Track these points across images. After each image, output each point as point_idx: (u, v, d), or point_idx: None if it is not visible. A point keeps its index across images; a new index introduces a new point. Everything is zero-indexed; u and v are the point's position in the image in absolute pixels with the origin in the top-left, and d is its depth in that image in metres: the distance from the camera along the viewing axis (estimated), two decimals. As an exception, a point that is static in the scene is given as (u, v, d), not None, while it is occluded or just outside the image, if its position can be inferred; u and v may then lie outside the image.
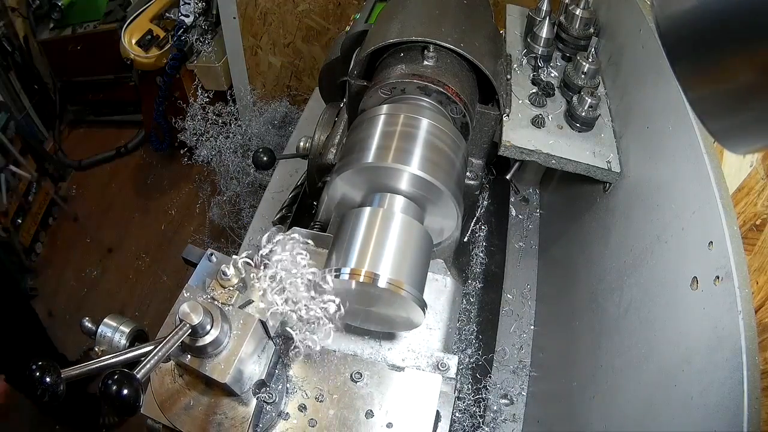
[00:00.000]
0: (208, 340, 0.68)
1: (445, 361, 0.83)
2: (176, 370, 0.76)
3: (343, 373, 0.82)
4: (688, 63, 0.42)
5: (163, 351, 0.63)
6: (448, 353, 0.84)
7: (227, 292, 0.74)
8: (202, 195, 2.72)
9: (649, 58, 1.03)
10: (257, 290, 0.75)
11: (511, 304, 1.37)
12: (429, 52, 0.97)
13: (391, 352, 0.83)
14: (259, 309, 0.74)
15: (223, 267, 0.73)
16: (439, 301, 0.88)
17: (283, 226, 1.16)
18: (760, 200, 0.67)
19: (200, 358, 0.70)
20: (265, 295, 0.73)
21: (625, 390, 0.87)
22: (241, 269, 0.75)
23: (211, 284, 0.75)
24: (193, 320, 0.65)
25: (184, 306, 0.66)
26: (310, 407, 0.80)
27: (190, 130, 2.46)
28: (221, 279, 0.74)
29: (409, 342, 0.84)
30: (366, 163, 0.81)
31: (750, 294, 0.64)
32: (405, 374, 0.82)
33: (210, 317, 0.68)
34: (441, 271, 0.89)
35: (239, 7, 2.46)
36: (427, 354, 0.83)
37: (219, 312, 0.70)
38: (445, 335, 0.86)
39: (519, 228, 1.54)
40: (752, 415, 0.58)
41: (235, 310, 0.73)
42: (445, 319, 0.87)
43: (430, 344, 0.84)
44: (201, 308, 0.66)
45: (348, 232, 0.76)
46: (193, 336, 0.67)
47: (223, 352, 0.70)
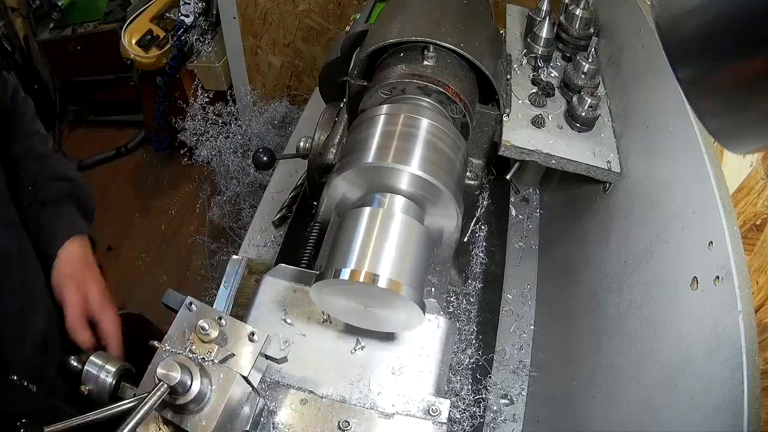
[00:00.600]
0: (189, 398, 0.67)
1: (436, 406, 0.80)
2: (161, 418, 0.75)
3: (330, 420, 0.79)
4: (689, 63, 0.42)
5: (142, 413, 0.63)
6: (440, 397, 0.81)
7: (207, 346, 0.72)
8: (202, 195, 2.72)
9: (649, 58, 1.03)
10: (239, 342, 0.74)
11: (511, 304, 1.37)
12: (429, 52, 0.97)
13: (381, 397, 0.81)
14: (240, 363, 0.73)
15: (201, 322, 0.71)
16: (431, 343, 0.85)
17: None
18: (760, 200, 0.67)
19: (181, 415, 0.69)
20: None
21: (625, 390, 0.87)
22: (222, 321, 0.73)
23: (190, 337, 0.73)
24: (170, 381, 0.65)
25: (161, 367, 0.65)
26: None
27: (190, 130, 2.46)
28: (200, 334, 0.72)
29: (399, 387, 0.81)
30: (366, 163, 0.81)
31: (750, 294, 0.65)
32: (394, 422, 0.79)
33: (189, 375, 0.67)
34: (434, 311, 0.86)
35: (239, 7, 2.46)
36: (419, 398, 0.81)
37: (198, 369, 0.69)
38: (437, 378, 0.82)
39: (519, 228, 1.54)
40: (752, 415, 0.58)
41: (215, 365, 0.71)
42: (437, 361, 0.83)
43: (422, 388, 0.81)
44: (178, 367, 0.65)
45: (348, 232, 0.76)
46: (173, 394, 0.66)
47: (205, 407, 0.69)
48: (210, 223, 2.58)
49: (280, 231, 1.51)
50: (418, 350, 0.84)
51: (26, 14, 3.27)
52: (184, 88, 2.85)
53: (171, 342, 0.74)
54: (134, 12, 2.77)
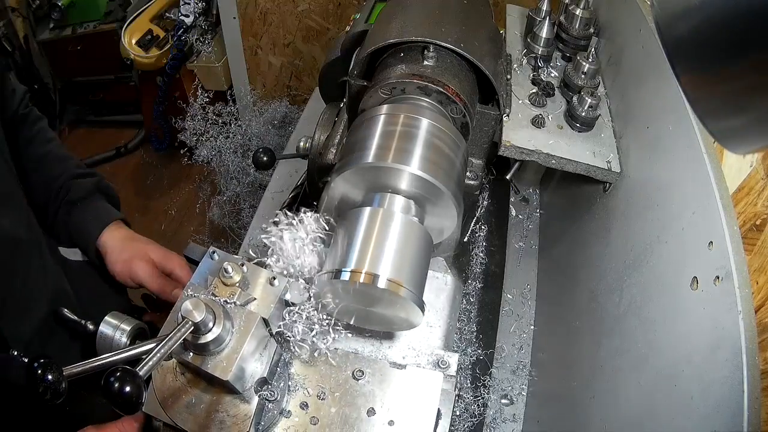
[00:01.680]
0: (211, 338, 0.68)
1: (445, 359, 0.83)
2: (178, 368, 0.76)
3: (344, 370, 0.82)
4: (689, 63, 0.42)
5: (165, 348, 0.63)
6: (448, 351, 0.84)
7: (229, 289, 0.74)
8: (202, 195, 2.72)
9: (649, 58, 1.03)
10: (259, 287, 0.75)
11: (511, 304, 1.37)
12: (429, 52, 0.97)
13: (392, 350, 0.84)
14: (261, 306, 0.74)
15: (225, 264, 0.73)
16: (440, 299, 0.88)
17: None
18: (760, 200, 0.67)
19: (202, 356, 0.70)
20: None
21: (625, 390, 0.87)
22: (243, 267, 0.75)
23: (213, 282, 0.75)
24: (195, 317, 0.65)
25: (187, 303, 0.66)
26: (311, 405, 0.80)
27: (190, 130, 2.46)
28: (223, 277, 0.74)
29: (409, 340, 0.84)
30: (366, 163, 0.81)
31: (750, 294, 0.65)
32: (406, 372, 0.82)
33: (212, 315, 0.68)
34: (441, 269, 0.89)
35: (239, 7, 2.46)
36: (428, 352, 0.83)
37: (221, 309, 0.70)
38: (445, 333, 0.86)
39: (519, 228, 1.54)
40: (752, 415, 0.58)
41: (237, 308, 0.73)
42: (446, 316, 0.87)
43: (431, 342, 0.85)
44: (203, 305, 0.66)
45: (348, 232, 0.76)
46: (196, 333, 0.67)
47: (225, 349, 0.70)
48: (210, 223, 2.58)
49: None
50: (427, 306, 0.86)
51: (26, 14, 3.27)
52: (184, 88, 2.85)
53: (194, 287, 0.76)
54: (134, 12, 2.77)
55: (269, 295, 0.76)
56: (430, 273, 0.88)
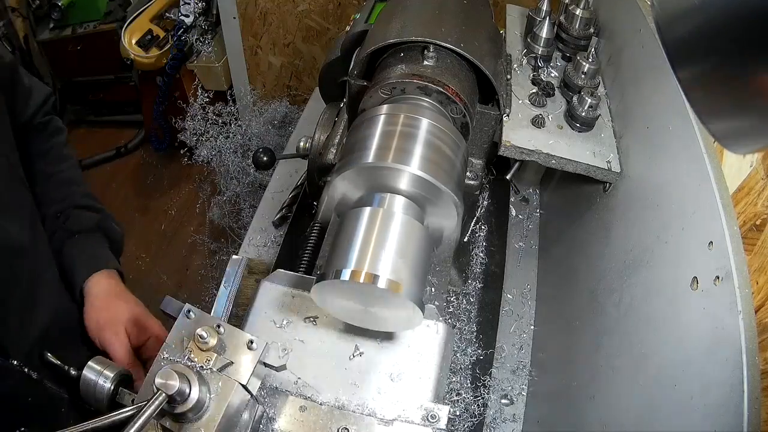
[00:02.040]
0: (188, 407, 0.67)
1: (435, 412, 0.79)
2: (160, 425, 0.74)
3: (329, 427, 0.79)
4: (688, 63, 0.42)
5: (141, 422, 0.62)
6: (438, 403, 0.81)
7: (205, 354, 0.72)
8: (202, 195, 2.72)
9: (649, 58, 1.03)
10: (237, 351, 0.73)
11: (511, 304, 1.37)
12: (429, 52, 0.97)
13: (380, 402, 0.81)
14: (239, 371, 0.72)
15: (199, 331, 0.71)
16: (431, 349, 0.85)
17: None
18: (760, 200, 0.67)
19: (180, 423, 0.69)
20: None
21: (625, 390, 0.87)
22: (220, 328, 0.73)
23: (189, 345, 0.72)
24: (169, 389, 0.64)
25: (159, 376, 0.65)
26: None
27: (190, 130, 2.46)
28: (198, 342, 0.72)
29: (398, 392, 0.81)
30: (366, 163, 0.81)
31: (750, 294, 0.65)
32: (393, 429, 0.79)
33: (187, 383, 0.67)
34: (433, 317, 0.86)
35: (239, 7, 2.46)
36: (417, 405, 0.80)
37: (196, 377, 0.68)
38: (435, 384, 0.81)
39: (519, 228, 1.54)
40: (752, 415, 0.58)
41: (214, 373, 0.71)
42: (436, 367, 0.82)
43: (421, 394, 0.81)
44: (176, 376, 0.65)
45: (348, 232, 0.76)
46: (172, 403, 0.66)
47: (204, 416, 0.69)
48: (210, 223, 2.58)
49: (280, 231, 1.51)
50: (417, 356, 0.84)
51: (26, 14, 3.26)
52: (184, 88, 2.85)
53: (169, 350, 0.73)
54: (134, 12, 2.77)
55: (247, 360, 0.73)
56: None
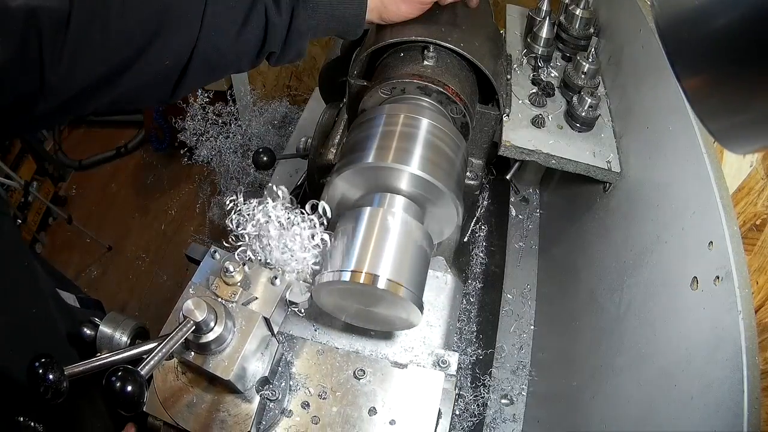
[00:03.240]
0: (212, 337, 0.68)
1: (446, 358, 0.83)
2: (179, 367, 0.76)
3: (346, 370, 0.82)
4: (688, 63, 0.42)
5: (167, 348, 0.62)
6: (448, 350, 0.84)
7: (231, 288, 0.74)
8: (202, 195, 2.72)
9: (649, 58, 1.03)
10: (261, 287, 0.76)
11: (511, 304, 1.37)
12: (429, 52, 0.97)
13: (393, 349, 0.84)
14: (262, 306, 0.74)
15: (226, 264, 0.73)
16: (440, 299, 0.88)
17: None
18: (760, 200, 0.67)
19: (203, 355, 0.70)
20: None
21: (625, 390, 0.87)
22: (245, 267, 0.75)
23: (214, 282, 0.75)
24: (197, 317, 0.65)
25: (188, 303, 0.66)
26: (313, 404, 0.80)
27: (190, 130, 2.46)
28: (225, 276, 0.74)
29: (410, 339, 0.84)
30: (366, 163, 0.81)
31: (750, 294, 0.65)
32: (407, 371, 0.82)
33: (214, 314, 0.68)
34: (441, 269, 0.90)
35: (239, 7, 2.45)
36: (428, 351, 0.84)
37: (222, 309, 0.70)
38: (445, 332, 0.86)
39: (519, 228, 1.54)
40: (752, 415, 0.59)
41: (238, 307, 0.73)
42: (446, 316, 0.87)
43: (431, 341, 0.85)
44: (205, 305, 0.66)
45: (348, 232, 0.77)
46: (197, 333, 0.67)
47: (226, 349, 0.70)
48: (210, 223, 2.58)
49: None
50: (428, 305, 0.86)
51: (26, 14, 3.26)
52: (184, 88, 2.84)
53: (195, 287, 0.75)
54: (134, 12, 2.76)
55: (271, 295, 0.76)
56: (430, 272, 0.88)
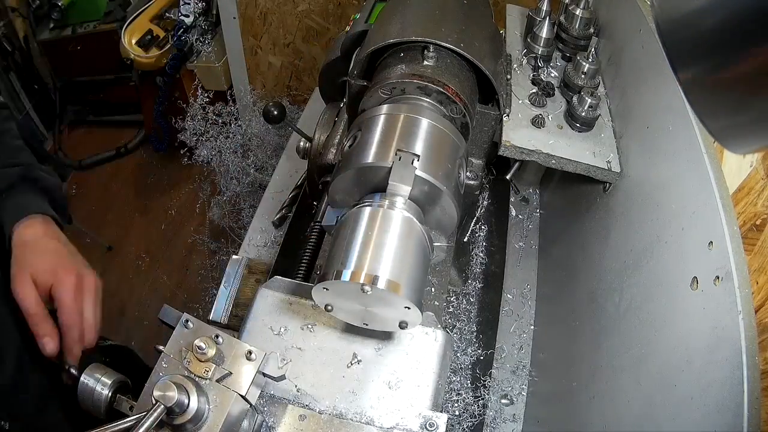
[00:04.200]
0: (187, 418, 0.67)
1: (433, 420, 0.79)
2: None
3: None
4: (688, 63, 0.42)
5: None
6: (437, 411, 0.81)
7: (204, 365, 0.72)
8: (202, 195, 2.72)
9: (649, 58, 1.03)
10: (236, 361, 0.73)
11: (511, 304, 1.37)
12: (429, 52, 0.97)
13: (378, 411, 0.81)
14: (237, 381, 0.72)
15: (197, 342, 0.71)
16: (429, 357, 0.84)
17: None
18: (760, 200, 0.67)
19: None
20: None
21: (624, 390, 0.87)
22: (218, 339, 0.73)
23: (187, 356, 0.73)
24: (168, 401, 0.65)
25: (157, 388, 0.65)
26: None
27: (190, 130, 2.46)
28: (197, 353, 0.72)
29: (397, 401, 0.81)
30: (366, 163, 0.81)
31: (750, 294, 0.65)
32: None
33: (186, 394, 0.67)
34: (431, 324, 0.86)
35: (239, 7, 2.46)
36: (416, 413, 0.80)
37: (195, 387, 0.69)
38: (434, 392, 0.81)
39: (519, 228, 1.54)
40: (752, 415, 0.58)
41: (212, 384, 0.71)
42: (435, 375, 0.83)
43: (419, 402, 0.81)
44: (174, 387, 0.65)
45: (348, 232, 0.76)
46: (171, 414, 0.66)
47: (203, 427, 0.69)
48: (210, 223, 2.58)
49: (280, 231, 1.52)
50: (415, 363, 0.84)
51: (26, 14, 3.26)
52: (184, 88, 2.84)
53: (167, 360, 0.73)
54: (134, 12, 2.77)
55: (246, 370, 0.73)
56: (419, 329, 0.86)
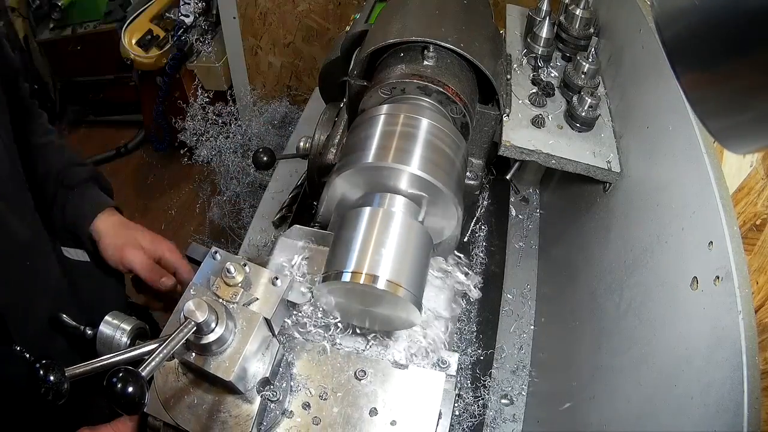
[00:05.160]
0: (213, 338, 0.68)
1: (445, 359, 0.83)
2: (180, 368, 0.76)
3: (346, 371, 0.82)
4: (688, 63, 0.42)
5: (168, 349, 0.62)
6: (449, 351, 0.84)
7: (232, 289, 0.74)
8: (202, 195, 2.72)
9: (649, 58, 1.03)
10: (261, 287, 0.76)
11: (511, 304, 1.37)
12: (429, 52, 0.97)
13: (393, 349, 0.84)
14: (263, 307, 0.74)
15: (227, 264, 0.73)
16: (440, 299, 0.88)
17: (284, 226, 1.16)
18: (760, 200, 0.67)
19: (204, 356, 0.70)
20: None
21: (624, 390, 0.87)
22: (246, 267, 0.75)
23: (215, 282, 0.75)
24: (197, 318, 0.65)
25: (189, 304, 0.66)
26: (313, 405, 0.80)
27: (190, 130, 2.46)
28: (226, 277, 0.74)
29: (410, 340, 0.84)
30: (366, 163, 0.81)
31: (750, 294, 0.65)
32: (408, 372, 0.82)
33: (215, 315, 0.68)
34: (442, 269, 0.89)
35: (239, 7, 2.46)
36: (430, 351, 0.84)
37: (223, 310, 0.70)
38: (447, 334, 0.86)
39: (519, 228, 1.54)
40: (752, 415, 0.59)
41: (239, 308, 0.73)
42: (446, 316, 0.87)
43: (434, 342, 0.84)
44: (206, 306, 0.66)
45: (348, 232, 0.77)
46: (198, 334, 0.67)
47: (227, 350, 0.70)
48: (210, 223, 2.57)
49: (280, 231, 1.51)
50: (427, 304, 0.86)
51: (26, 14, 3.27)
52: (184, 88, 2.85)
53: (195, 288, 0.75)
54: (134, 12, 2.77)
55: (272, 296, 0.76)
56: (430, 273, 0.88)
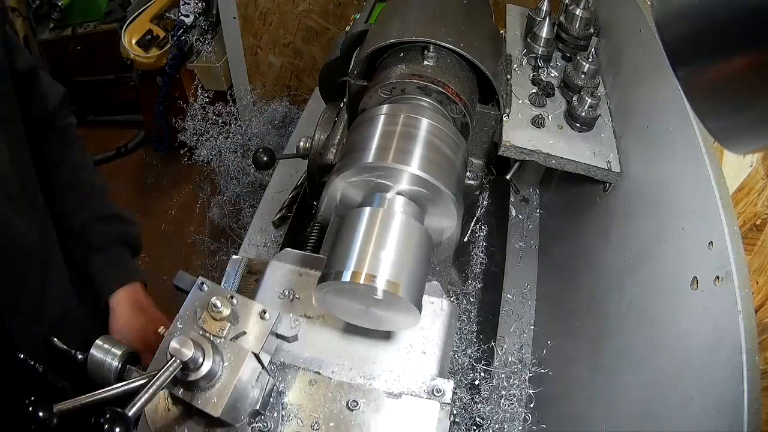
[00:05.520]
0: (200, 375, 0.67)
1: (440, 387, 0.81)
2: (170, 398, 0.75)
3: (338, 401, 0.80)
4: (688, 63, 0.42)
5: (154, 388, 0.62)
6: (443, 378, 0.82)
7: (219, 324, 0.72)
8: (202, 195, 2.72)
9: (649, 58, 1.03)
10: (250, 321, 0.74)
11: (511, 304, 1.37)
12: (429, 52, 0.97)
13: (386, 378, 0.82)
14: (252, 340, 0.73)
15: (213, 300, 0.72)
16: (435, 326, 0.86)
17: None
18: (760, 200, 0.67)
19: (192, 392, 0.69)
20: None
21: (625, 390, 0.87)
22: (233, 300, 0.74)
23: (202, 316, 0.73)
24: (183, 356, 0.64)
25: (174, 342, 0.65)
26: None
27: (190, 130, 2.46)
28: (212, 312, 0.72)
29: (404, 368, 0.83)
30: (366, 163, 0.81)
31: (750, 294, 0.65)
32: (401, 401, 0.80)
33: (201, 351, 0.67)
34: (437, 294, 0.87)
35: (239, 7, 2.46)
36: (422, 380, 0.82)
37: (210, 345, 0.69)
38: (440, 360, 0.83)
39: (519, 228, 1.54)
40: (752, 415, 0.59)
41: (227, 343, 0.71)
42: (441, 344, 0.84)
43: (426, 370, 0.82)
44: (191, 343, 0.65)
45: (348, 232, 0.76)
46: (185, 370, 0.66)
47: (216, 384, 0.69)
48: (210, 223, 2.57)
49: (280, 231, 1.51)
50: (422, 332, 0.85)
51: (26, 14, 3.27)
52: (184, 88, 2.85)
53: (182, 321, 0.74)
54: (134, 12, 2.77)
55: (260, 329, 0.74)
56: (426, 298, 0.86)
